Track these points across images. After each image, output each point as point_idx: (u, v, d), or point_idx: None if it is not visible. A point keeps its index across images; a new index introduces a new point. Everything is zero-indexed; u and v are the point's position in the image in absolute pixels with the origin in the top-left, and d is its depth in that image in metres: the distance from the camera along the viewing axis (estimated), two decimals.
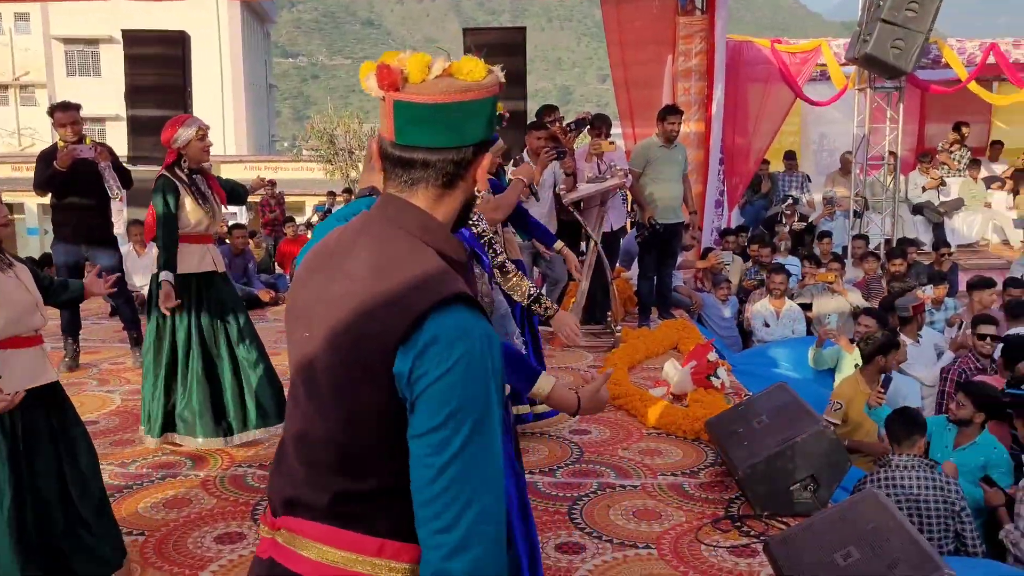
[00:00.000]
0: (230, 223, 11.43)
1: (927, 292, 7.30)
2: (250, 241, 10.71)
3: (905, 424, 4.51)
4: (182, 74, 10.04)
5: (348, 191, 15.98)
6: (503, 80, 1.53)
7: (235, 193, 5.26)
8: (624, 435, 5.24)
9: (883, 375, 5.41)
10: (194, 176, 4.79)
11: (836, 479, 4.14)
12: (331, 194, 16.12)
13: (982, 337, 6.19)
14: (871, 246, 10.17)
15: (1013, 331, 6.38)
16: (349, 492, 1.45)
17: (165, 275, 4.60)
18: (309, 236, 7.55)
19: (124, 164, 6.83)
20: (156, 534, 3.87)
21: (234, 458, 4.78)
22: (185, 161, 4.74)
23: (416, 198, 1.50)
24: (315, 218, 16.24)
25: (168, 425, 4.77)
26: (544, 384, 2.46)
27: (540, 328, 5.51)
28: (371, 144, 1.61)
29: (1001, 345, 5.74)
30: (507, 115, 6.15)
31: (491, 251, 3.80)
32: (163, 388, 4.72)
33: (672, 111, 7.50)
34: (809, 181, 12.29)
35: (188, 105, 9.94)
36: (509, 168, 6.92)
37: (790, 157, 12.41)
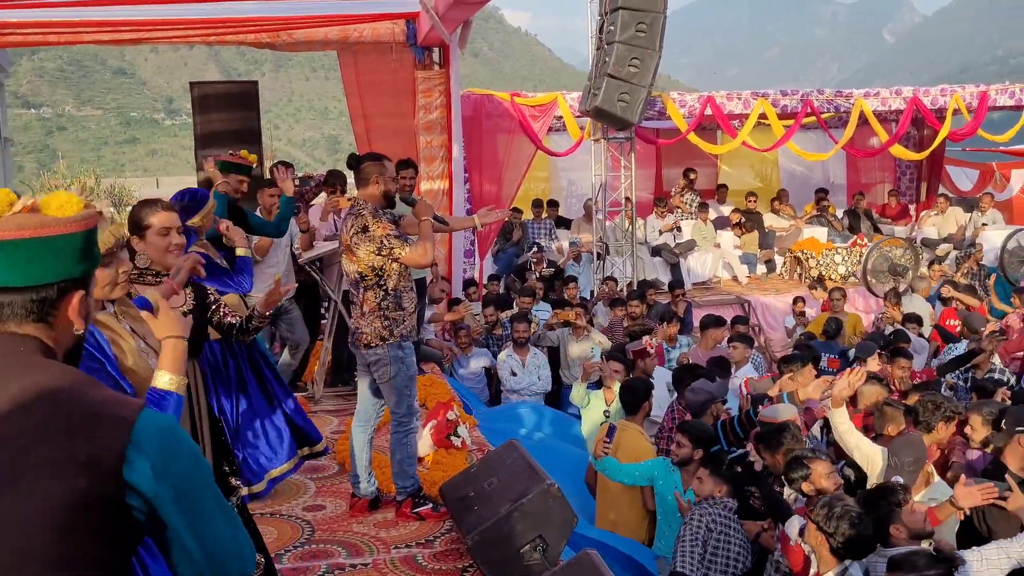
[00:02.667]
0: None
1: (649, 339, 7.60)
2: None
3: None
4: None
5: None
6: (101, 212, 1.63)
7: None
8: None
9: (609, 424, 5.49)
10: None
11: (564, 536, 4.12)
12: None
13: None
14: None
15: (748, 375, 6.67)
16: None
17: None
18: None
19: None
20: None
21: None
22: None
23: (19, 328, 1.45)
24: None
25: None
26: None
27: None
28: None
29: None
30: (253, 162, 5.91)
31: (218, 314, 3.77)
32: None
33: (405, 165, 7.34)
34: (557, 227, 12.70)
35: None
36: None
37: (537, 205, 12.78)
